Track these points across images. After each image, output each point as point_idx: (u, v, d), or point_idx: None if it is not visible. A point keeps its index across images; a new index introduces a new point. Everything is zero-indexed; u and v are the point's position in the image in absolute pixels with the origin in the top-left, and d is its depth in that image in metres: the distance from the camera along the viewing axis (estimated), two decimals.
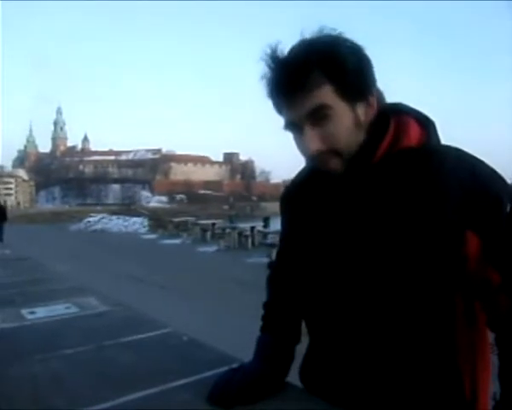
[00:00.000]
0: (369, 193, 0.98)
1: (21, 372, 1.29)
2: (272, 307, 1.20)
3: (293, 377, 1.15)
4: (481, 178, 0.93)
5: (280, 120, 1.00)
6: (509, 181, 0.98)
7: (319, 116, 0.93)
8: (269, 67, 0.95)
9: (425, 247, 0.93)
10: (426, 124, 1.01)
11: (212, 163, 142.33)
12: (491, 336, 1.05)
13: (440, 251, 0.93)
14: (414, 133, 0.98)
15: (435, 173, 0.94)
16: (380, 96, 1.00)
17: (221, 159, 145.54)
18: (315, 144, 0.94)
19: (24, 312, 1.98)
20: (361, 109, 0.96)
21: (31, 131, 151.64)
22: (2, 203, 20.86)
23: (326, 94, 0.92)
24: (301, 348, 1.18)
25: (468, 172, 0.93)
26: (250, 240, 17.07)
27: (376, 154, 0.97)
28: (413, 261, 0.94)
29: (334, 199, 1.04)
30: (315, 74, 0.91)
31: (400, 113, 1.01)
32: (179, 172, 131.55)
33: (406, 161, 0.96)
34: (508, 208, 0.93)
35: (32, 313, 1.97)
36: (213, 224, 21.50)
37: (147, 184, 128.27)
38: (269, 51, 0.94)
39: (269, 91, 0.97)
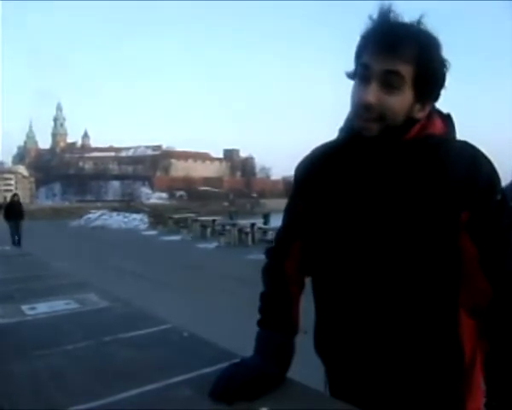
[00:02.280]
0: (396, 168, 1.05)
1: (21, 368, 1.28)
2: (270, 300, 1.21)
3: (294, 373, 1.15)
4: (479, 167, 1.02)
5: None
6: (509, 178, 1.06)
7: (389, 81, 1.00)
8: (381, 14, 1.02)
9: (429, 224, 1.01)
10: (445, 118, 1.11)
11: (213, 160, 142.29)
12: None
13: (443, 229, 1.01)
14: (438, 125, 1.09)
15: (445, 160, 1.03)
16: (432, 109, 1.09)
17: (221, 155, 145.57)
18: (371, 97, 1.00)
19: (24, 307, 1.98)
20: (417, 106, 1.04)
21: (31, 127, 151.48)
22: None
23: (407, 71, 1.00)
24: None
25: (469, 161, 1.03)
26: (250, 237, 17.10)
27: (408, 134, 1.05)
28: (417, 238, 1.02)
29: (356, 173, 1.09)
30: (412, 50, 0.99)
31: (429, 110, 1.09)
32: (179, 169, 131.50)
33: (432, 145, 1.05)
34: (498, 196, 1.02)
35: (33, 308, 1.96)
36: (213, 220, 21.53)
37: (147, 180, 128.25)
38: (386, 6, 1.02)
39: (368, 32, 1.04)
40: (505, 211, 1.03)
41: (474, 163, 1.02)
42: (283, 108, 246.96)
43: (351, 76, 1.09)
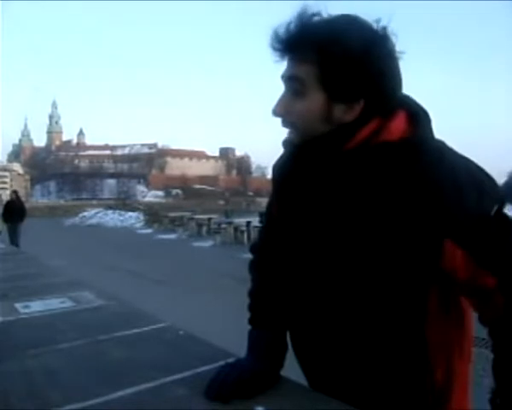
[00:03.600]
0: (338, 180, 0.98)
1: (15, 367, 1.27)
2: (259, 297, 1.20)
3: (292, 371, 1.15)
4: (459, 183, 0.89)
5: (275, 118, 1.00)
6: (504, 178, 0.98)
7: (292, 87, 0.95)
8: (285, 24, 0.94)
9: (389, 243, 0.93)
10: (416, 119, 0.97)
11: (208, 158, 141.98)
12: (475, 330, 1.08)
13: (408, 247, 0.92)
14: (396, 128, 0.95)
15: (408, 170, 0.91)
16: (397, 107, 0.97)
17: (217, 154, 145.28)
18: (278, 108, 0.97)
19: (18, 306, 1.97)
20: (339, 108, 0.94)
21: (26, 125, 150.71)
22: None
23: (308, 73, 0.93)
24: None
25: (447, 175, 0.90)
26: (246, 235, 17.07)
27: (350, 142, 0.95)
28: (377, 254, 0.95)
29: (308, 180, 1.05)
30: (309, 49, 0.91)
31: (392, 108, 0.97)
32: (175, 167, 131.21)
33: (381, 155, 0.94)
34: (492, 211, 0.90)
35: (27, 307, 1.96)
36: (209, 219, 21.49)
37: (142, 178, 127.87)
38: (297, 11, 0.93)
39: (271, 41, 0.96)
40: (503, 226, 0.91)
41: (454, 178, 0.89)
42: None
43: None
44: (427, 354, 1.02)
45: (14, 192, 15.18)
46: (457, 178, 0.90)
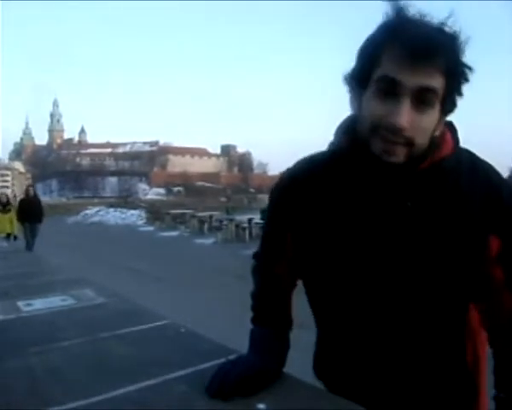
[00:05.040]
0: (408, 197, 0.94)
1: (18, 365, 1.27)
2: (261, 298, 1.19)
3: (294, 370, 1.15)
4: (495, 183, 0.95)
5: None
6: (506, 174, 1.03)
7: (424, 99, 0.86)
8: (401, 13, 0.87)
9: (453, 253, 0.94)
10: (452, 129, 0.99)
11: (210, 155, 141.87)
12: None
13: (470, 257, 0.94)
14: (449, 141, 0.97)
15: (462, 183, 0.94)
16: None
17: (218, 151, 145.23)
18: (406, 122, 0.85)
19: (20, 304, 1.97)
20: (442, 120, 0.93)
21: (27, 123, 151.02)
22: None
23: (440, 84, 0.87)
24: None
25: (484, 178, 0.95)
26: (247, 232, 17.05)
27: (427, 161, 0.93)
28: (438, 266, 0.94)
29: (365, 193, 0.97)
30: (444, 61, 0.85)
31: None
32: (177, 165, 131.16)
33: (443, 171, 0.95)
34: None
35: (29, 305, 1.96)
36: (211, 216, 21.48)
37: (144, 176, 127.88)
38: (401, 7, 0.87)
39: (389, 35, 0.87)
40: None
41: (490, 181, 0.95)
42: (281, 104, 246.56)
43: (357, 83, 0.93)
44: (464, 344, 1.04)
45: (31, 187, 12.71)
46: (492, 180, 0.96)
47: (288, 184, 1.10)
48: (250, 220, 17.56)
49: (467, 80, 0.89)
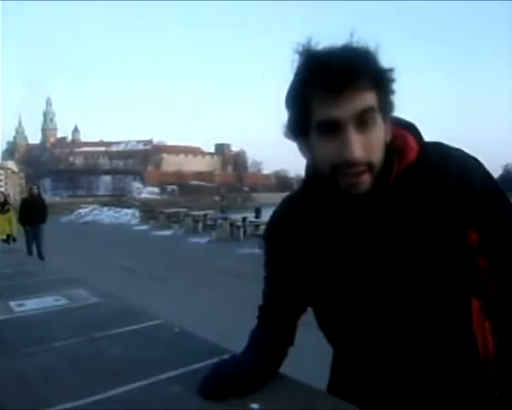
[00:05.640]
0: (384, 212, 0.96)
1: (9, 365, 1.26)
2: (268, 309, 1.18)
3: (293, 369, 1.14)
4: (467, 174, 0.94)
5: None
6: (499, 172, 1.01)
7: (365, 120, 0.87)
8: (311, 57, 0.88)
9: (440, 253, 0.94)
10: (414, 132, 1.00)
11: (204, 154, 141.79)
12: None
13: (453, 253, 0.94)
14: (413, 146, 0.97)
15: (435, 183, 0.95)
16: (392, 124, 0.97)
17: (213, 150, 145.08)
18: (359, 151, 0.86)
19: (12, 304, 1.96)
20: (387, 125, 0.93)
21: (20, 122, 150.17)
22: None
23: (373, 99, 0.88)
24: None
25: (456, 170, 0.95)
26: (242, 231, 17.08)
27: (392, 173, 0.95)
28: (431, 268, 0.95)
29: (345, 221, 1.00)
30: (366, 76, 0.86)
31: (396, 125, 0.98)
32: (171, 163, 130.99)
33: (412, 177, 0.96)
34: (497, 197, 0.95)
35: (21, 305, 1.95)
36: (205, 215, 21.49)
37: (138, 175, 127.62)
38: (308, 45, 0.89)
39: (306, 82, 0.88)
40: (507, 207, 0.97)
41: (462, 172, 0.95)
42: (275, 103, 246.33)
43: (297, 133, 0.95)
44: (474, 339, 1.02)
45: (36, 186, 11.41)
46: (465, 171, 0.95)
47: (273, 229, 1.15)
48: (244, 219, 17.59)
49: (393, 80, 0.90)
